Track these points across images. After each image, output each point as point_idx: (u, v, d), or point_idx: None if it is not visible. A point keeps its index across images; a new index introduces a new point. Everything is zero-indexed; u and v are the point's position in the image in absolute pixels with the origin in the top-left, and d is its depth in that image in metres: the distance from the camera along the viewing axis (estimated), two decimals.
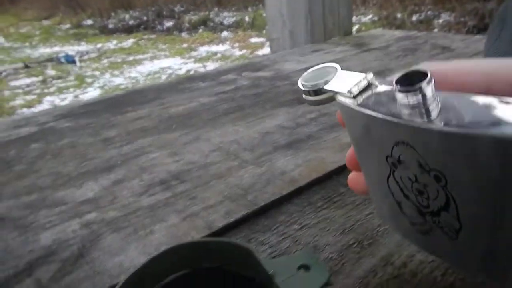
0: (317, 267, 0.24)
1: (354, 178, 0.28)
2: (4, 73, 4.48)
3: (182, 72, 4.13)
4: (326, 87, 0.24)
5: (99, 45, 5.64)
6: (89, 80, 4.15)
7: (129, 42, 5.76)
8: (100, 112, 0.77)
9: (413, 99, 0.18)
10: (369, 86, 0.22)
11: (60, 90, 3.86)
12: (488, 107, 0.17)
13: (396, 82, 0.19)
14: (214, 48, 5.03)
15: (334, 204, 0.43)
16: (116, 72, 4.38)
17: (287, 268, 0.24)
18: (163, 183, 0.49)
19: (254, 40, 5.13)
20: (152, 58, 4.84)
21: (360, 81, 0.22)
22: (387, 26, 4.34)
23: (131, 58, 4.91)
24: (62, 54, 4.99)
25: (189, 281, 0.26)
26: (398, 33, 1.24)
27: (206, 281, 0.27)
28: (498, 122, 0.16)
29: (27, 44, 6.25)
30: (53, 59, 4.83)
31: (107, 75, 4.29)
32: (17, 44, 6.29)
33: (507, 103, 0.17)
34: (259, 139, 0.59)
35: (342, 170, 0.49)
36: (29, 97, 3.69)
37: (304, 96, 0.25)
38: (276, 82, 0.86)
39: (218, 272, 0.26)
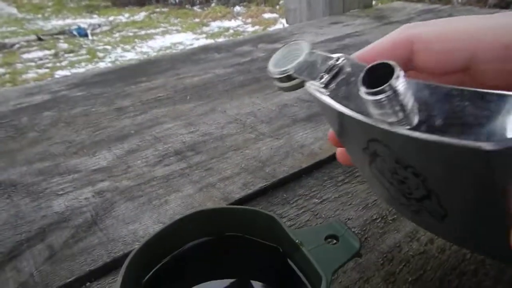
0: (346, 237, 0.22)
1: (341, 153, 0.26)
2: (17, 45, 4.49)
3: None
4: (295, 74, 0.22)
5: (111, 18, 5.60)
6: (100, 54, 4.13)
7: (141, 15, 5.70)
8: (113, 81, 0.75)
9: (382, 98, 0.16)
10: (340, 71, 0.20)
11: (72, 64, 3.86)
12: (460, 106, 0.16)
13: (362, 81, 0.17)
14: (226, 23, 4.96)
15: (356, 179, 0.41)
16: (127, 47, 4.36)
17: (314, 238, 0.23)
18: (178, 153, 0.48)
19: (267, 15, 5.04)
20: (164, 33, 4.80)
21: (331, 67, 0.20)
22: None
23: (142, 32, 4.87)
24: (74, 27, 4.96)
25: (212, 248, 0.25)
26: (420, 6, 1.19)
27: (229, 249, 0.25)
28: (469, 125, 0.15)
29: (39, 15, 6.22)
30: (65, 32, 4.82)
31: (119, 50, 4.27)
32: (29, 15, 6.27)
33: (482, 98, 0.15)
34: (277, 111, 0.57)
35: None
36: (41, 71, 3.70)
37: (275, 83, 0.23)
38: None
39: (241, 241, 0.25)
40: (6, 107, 0.67)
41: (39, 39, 4.63)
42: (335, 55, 0.21)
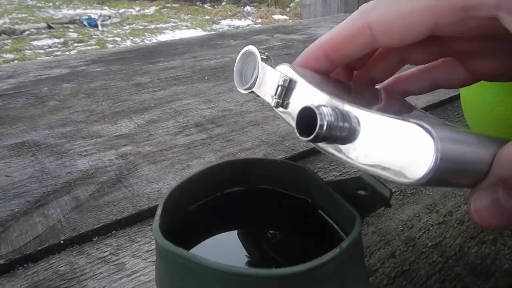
0: (376, 188, 0.23)
1: None
2: (27, 32, 4.50)
3: None
4: (255, 89, 0.22)
5: (121, 10, 5.62)
6: (110, 45, 4.14)
7: (151, 9, 5.72)
8: (131, 60, 0.76)
9: (316, 141, 0.17)
10: (290, 86, 0.21)
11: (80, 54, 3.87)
12: None
13: (297, 125, 0.18)
14: (236, 22, 4.97)
15: None
16: (137, 40, 4.37)
17: (345, 188, 0.23)
18: (199, 125, 0.49)
19: (277, 17, 5.05)
20: (174, 28, 4.81)
21: (279, 86, 0.21)
22: None
23: (152, 26, 4.89)
24: (84, 17, 4.98)
25: (243, 198, 0.26)
26: None
27: (259, 200, 0.26)
28: None
29: (50, 4, 6.25)
30: (75, 22, 4.83)
31: (128, 42, 4.28)
32: (40, 3, 6.29)
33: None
34: None
35: None
36: (52, 57, 3.71)
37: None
38: (309, 44, 0.84)
39: (271, 193, 0.26)
40: (25, 78, 0.68)
41: (49, 27, 4.65)
42: (280, 72, 0.21)
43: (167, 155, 0.42)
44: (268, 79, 0.22)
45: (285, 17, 4.99)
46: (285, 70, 0.21)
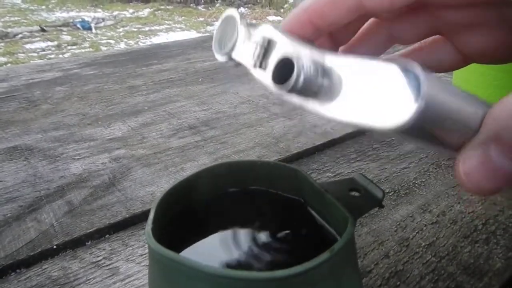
0: (369, 189, 0.23)
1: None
2: (20, 35, 4.48)
3: None
4: (234, 55, 0.21)
5: (115, 13, 5.60)
6: (103, 48, 4.13)
7: (145, 11, 5.71)
8: (124, 62, 0.76)
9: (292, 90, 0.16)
10: (270, 45, 0.19)
11: (74, 56, 3.86)
12: None
13: (273, 75, 0.17)
14: None
15: (368, 158, 0.42)
16: (131, 42, 4.36)
17: (338, 189, 0.23)
18: (192, 128, 0.49)
19: (271, 18, 5.06)
20: (168, 30, 4.81)
21: (258, 45, 0.19)
22: None
23: (146, 28, 4.88)
24: (78, 20, 4.96)
25: (236, 200, 0.26)
26: None
27: (252, 202, 0.26)
28: None
29: (43, 7, 6.22)
30: (69, 24, 4.81)
31: (122, 44, 4.27)
32: (33, 6, 6.26)
33: None
34: None
35: None
36: (45, 60, 3.69)
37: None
38: None
39: (264, 194, 0.26)
40: (18, 81, 0.68)
41: (42, 30, 4.63)
42: (260, 32, 0.20)
43: (160, 158, 0.42)
44: (248, 43, 0.20)
45: (279, 18, 5.00)
46: (266, 31, 0.20)
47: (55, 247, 0.29)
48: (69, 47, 4.13)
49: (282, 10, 5.24)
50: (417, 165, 0.40)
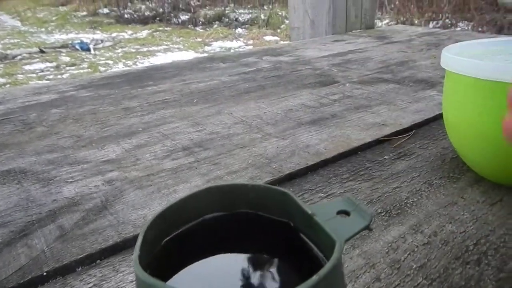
0: (358, 211, 0.23)
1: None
2: (19, 57, 4.51)
3: None
4: None
5: (114, 34, 5.67)
6: (102, 68, 4.16)
7: (144, 33, 5.78)
8: (120, 84, 0.77)
9: None
10: None
11: (73, 77, 3.88)
12: None
13: None
14: (228, 44, 5.03)
15: (361, 177, 0.42)
16: (129, 62, 4.39)
17: (326, 212, 0.23)
18: (186, 149, 0.49)
19: (268, 38, 5.12)
20: (166, 50, 4.85)
21: None
22: None
23: (145, 49, 4.92)
24: (77, 41, 5.01)
25: (224, 223, 0.26)
26: (421, 29, 1.23)
27: (241, 225, 0.26)
28: None
29: (43, 29, 6.29)
30: (68, 46, 4.86)
31: (120, 65, 4.30)
32: (33, 28, 6.33)
33: None
34: (282, 115, 0.58)
35: (368, 147, 0.48)
36: (42, 82, 3.71)
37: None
38: (297, 66, 0.85)
39: (252, 217, 0.26)
40: (14, 104, 0.68)
41: (41, 51, 4.67)
42: None
43: (153, 180, 0.42)
44: None
45: (276, 38, 5.06)
46: None
47: (45, 273, 0.29)
48: (67, 68, 4.16)
49: (278, 31, 5.31)
50: (409, 184, 0.40)
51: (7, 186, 0.42)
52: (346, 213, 0.24)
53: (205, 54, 4.59)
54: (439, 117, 0.56)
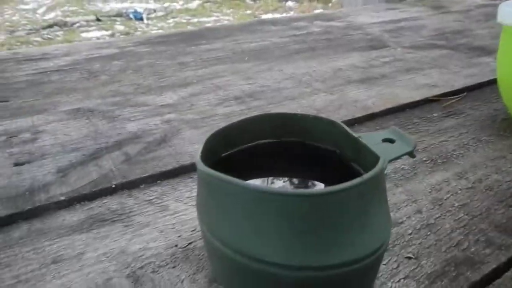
0: (402, 139, 0.25)
1: None
2: (77, 24, 4.71)
3: None
4: None
5: (166, 4, 5.76)
6: None
7: (195, 3, 5.83)
8: (175, 42, 0.80)
9: None
10: None
11: None
12: None
13: None
14: (277, 16, 4.98)
15: (408, 131, 0.43)
16: None
17: (372, 139, 0.25)
18: (238, 98, 0.51)
19: (319, 12, 5.01)
20: (216, 22, 4.88)
21: None
22: None
23: (195, 20, 4.98)
24: (131, 10, 5.14)
25: (275, 150, 0.28)
26: (480, 0, 1.17)
27: (290, 152, 0.28)
28: None
29: None
30: (122, 15, 5.00)
31: None
32: None
33: None
34: (331, 73, 0.59)
35: (416, 105, 0.49)
36: (103, 40, 3.87)
37: None
38: (348, 31, 0.85)
39: (301, 145, 0.28)
40: (79, 56, 0.73)
41: (98, 19, 4.84)
42: None
43: (207, 122, 0.45)
44: None
45: (327, 12, 4.95)
46: None
47: (113, 186, 0.33)
48: (122, 37, 4.30)
49: (330, 5, 5.18)
50: (457, 138, 0.41)
51: (77, 120, 0.46)
52: (390, 141, 0.25)
53: (255, 19, 4.58)
54: (493, 82, 0.55)
